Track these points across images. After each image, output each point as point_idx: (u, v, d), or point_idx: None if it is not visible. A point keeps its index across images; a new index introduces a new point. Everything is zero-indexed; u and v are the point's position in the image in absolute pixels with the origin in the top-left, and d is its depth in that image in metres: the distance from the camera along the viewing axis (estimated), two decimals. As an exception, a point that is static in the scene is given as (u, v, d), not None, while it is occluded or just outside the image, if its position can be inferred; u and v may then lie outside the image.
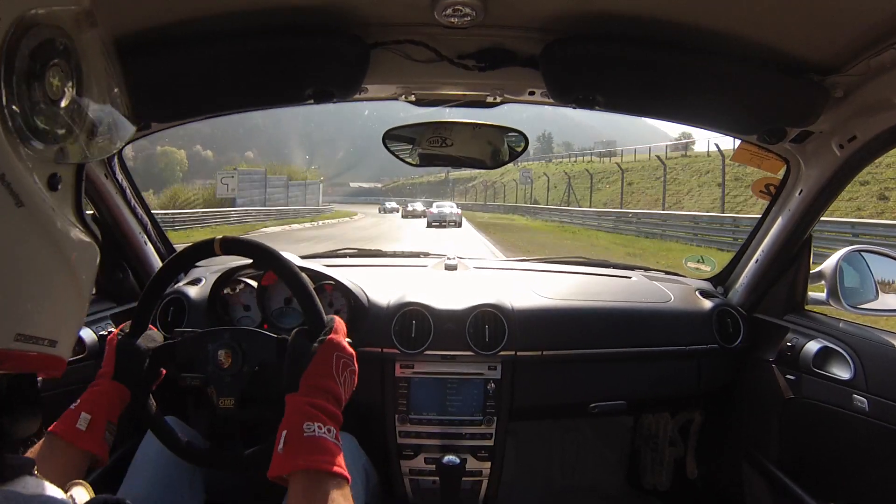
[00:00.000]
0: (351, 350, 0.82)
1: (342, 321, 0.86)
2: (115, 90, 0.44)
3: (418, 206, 35.14)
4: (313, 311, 0.87)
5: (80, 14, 0.41)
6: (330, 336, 0.81)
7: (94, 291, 1.51)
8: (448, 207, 26.29)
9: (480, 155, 1.40)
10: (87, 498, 0.67)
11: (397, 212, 42.93)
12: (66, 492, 0.61)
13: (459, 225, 23.44)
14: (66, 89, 0.39)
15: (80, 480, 0.69)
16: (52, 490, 0.44)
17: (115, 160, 1.42)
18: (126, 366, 0.89)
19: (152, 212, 1.61)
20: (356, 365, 0.83)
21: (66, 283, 0.42)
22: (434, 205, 28.20)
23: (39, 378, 0.46)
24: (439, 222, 24.14)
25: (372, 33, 1.05)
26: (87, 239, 0.44)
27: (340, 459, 0.71)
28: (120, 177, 1.45)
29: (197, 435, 1.12)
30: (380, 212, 44.52)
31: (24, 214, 0.37)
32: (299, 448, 0.69)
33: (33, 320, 0.39)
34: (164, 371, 0.98)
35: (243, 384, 0.90)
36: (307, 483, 0.68)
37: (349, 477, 0.71)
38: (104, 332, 1.37)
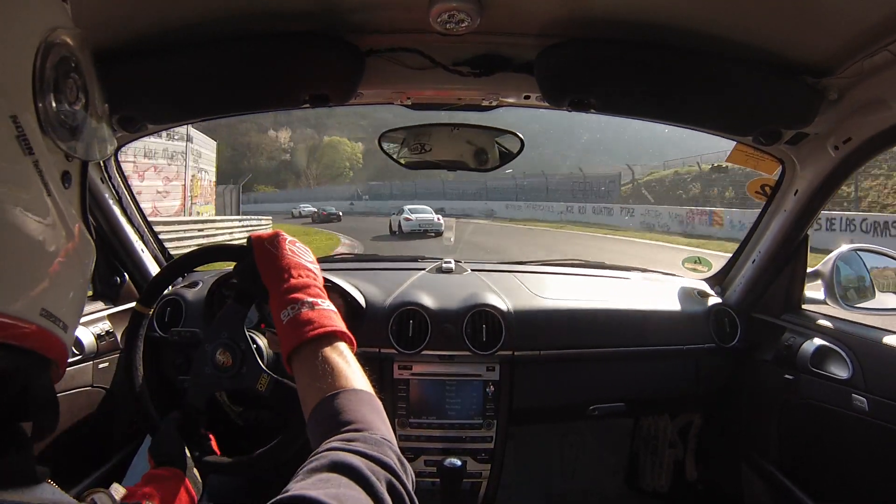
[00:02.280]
0: (275, 230, 0.83)
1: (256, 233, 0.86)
2: (103, 105, 0.50)
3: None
4: (227, 249, 0.88)
5: (81, 38, 0.47)
6: (252, 240, 0.81)
7: (90, 293, 1.52)
8: (430, 213, 20.51)
9: (475, 157, 1.40)
10: (109, 503, 0.67)
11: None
12: (85, 498, 0.62)
13: (441, 234, 18.80)
14: (79, 95, 0.46)
15: (101, 488, 0.69)
16: (69, 499, 0.46)
17: (113, 167, 1.43)
18: (165, 455, 0.86)
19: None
20: (290, 236, 0.82)
21: (76, 274, 0.47)
22: (408, 209, 20.72)
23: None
24: (418, 230, 19.16)
25: (367, 40, 1.05)
26: (89, 238, 0.49)
27: (324, 320, 0.70)
28: (117, 183, 1.45)
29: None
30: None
31: (51, 203, 0.42)
32: (285, 338, 0.70)
33: (54, 300, 0.43)
34: (212, 436, 0.94)
35: (256, 360, 0.88)
36: (298, 361, 0.68)
37: (340, 332, 0.70)
38: (100, 332, 1.38)
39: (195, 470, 0.86)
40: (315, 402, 0.62)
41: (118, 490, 0.74)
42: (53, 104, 0.43)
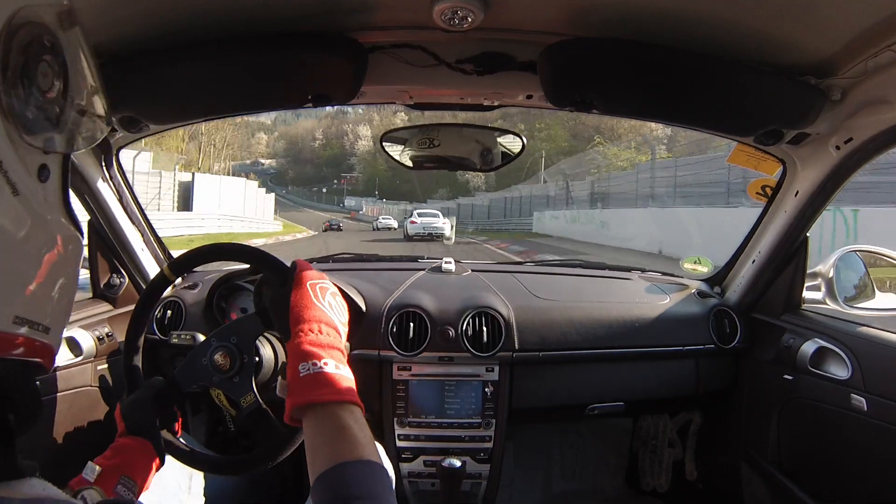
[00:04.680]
0: (322, 274, 0.81)
1: (304, 261, 0.84)
2: (94, 86, 0.46)
3: None
4: (273, 264, 0.86)
5: (63, 13, 0.42)
6: (297, 272, 0.79)
7: (91, 296, 1.51)
8: (437, 217, 20.33)
9: (481, 156, 1.40)
10: (99, 499, 0.68)
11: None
12: (76, 495, 0.62)
13: (449, 238, 19.01)
14: (54, 82, 0.41)
15: (92, 484, 0.69)
16: (58, 492, 0.45)
17: (114, 166, 1.42)
18: (136, 421, 0.86)
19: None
20: (334, 286, 0.81)
21: (56, 273, 0.44)
22: (415, 213, 20.82)
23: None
24: (423, 234, 19.35)
25: (370, 38, 1.05)
26: (74, 233, 0.46)
27: (343, 387, 0.69)
28: (117, 182, 1.44)
29: (193, 440, 1.12)
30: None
31: (19, 202, 0.39)
32: (298, 390, 0.69)
33: (29, 304, 0.40)
34: (179, 413, 0.93)
35: (251, 376, 0.88)
36: (314, 418, 0.67)
37: (359, 403, 0.69)
38: (100, 335, 1.37)
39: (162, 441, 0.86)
40: (326, 465, 0.61)
41: (94, 469, 0.75)
42: (22, 94, 0.38)
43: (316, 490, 0.60)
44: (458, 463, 1.36)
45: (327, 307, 0.76)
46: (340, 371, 0.71)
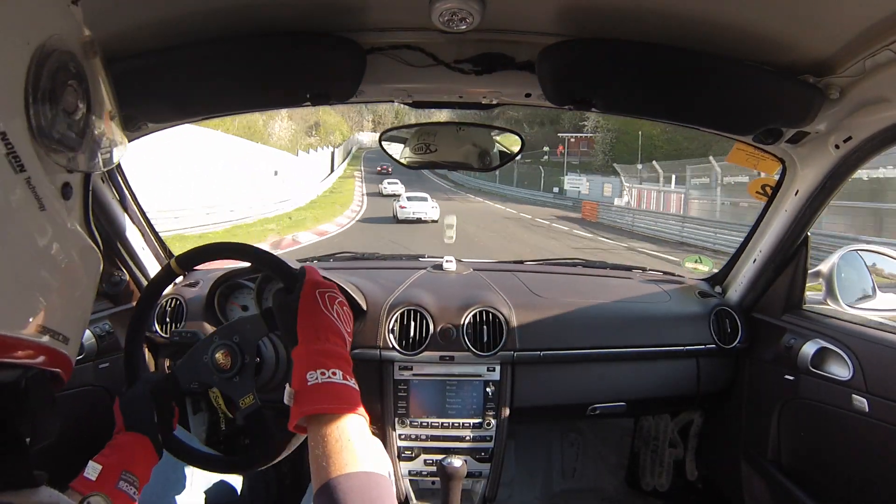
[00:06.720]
0: (331, 282, 0.81)
1: (313, 266, 0.84)
2: (111, 111, 0.49)
3: None
4: (281, 268, 0.86)
5: (87, 43, 0.46)
6: (306, 278, 0.79)
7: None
8: (426, 202, 19.95)
9: (479, 158, 1.40)
10: None
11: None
12: (82, 502, 0.63)
13: (436, 221, 18.61)
14: (79, 105, 0.44)
15: (98, 491, 0.70)
16: (66, 500, 0.47)
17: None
18: (134, 416, 0.87)
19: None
20: (342, 295, 0.81)
21: (75, 285, 0.46)
22: (404, 197, 20.58)
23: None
24: (412, 219, 19.09)
25: (369, 38, 1.05)
26: (94, 248, 0.49)
27: (350, 398, 0.70)
28: (118, 181, 1.45)
29: (193, 438, 1.12)
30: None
31: (45, 218, 0.41)
32: (305, 398, 0.69)
33: (53, 316, 0.42)
34: (177, 407, 0.93)
35: (252, 376, 0.89)
36: (320, 428, 0.68)
37: (365, 415, 0.70)
38: (101, 333, 1.38)
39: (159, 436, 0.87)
40: (329, 476, 0.63)
41: (95, 468, 0.77)
42: (49, 116, 0.41)
43: (319, 500, 0.62)
44: (458, 462, 1.36)
45: (335, 316, 0.77)
46: (348, 382, 0.71)
